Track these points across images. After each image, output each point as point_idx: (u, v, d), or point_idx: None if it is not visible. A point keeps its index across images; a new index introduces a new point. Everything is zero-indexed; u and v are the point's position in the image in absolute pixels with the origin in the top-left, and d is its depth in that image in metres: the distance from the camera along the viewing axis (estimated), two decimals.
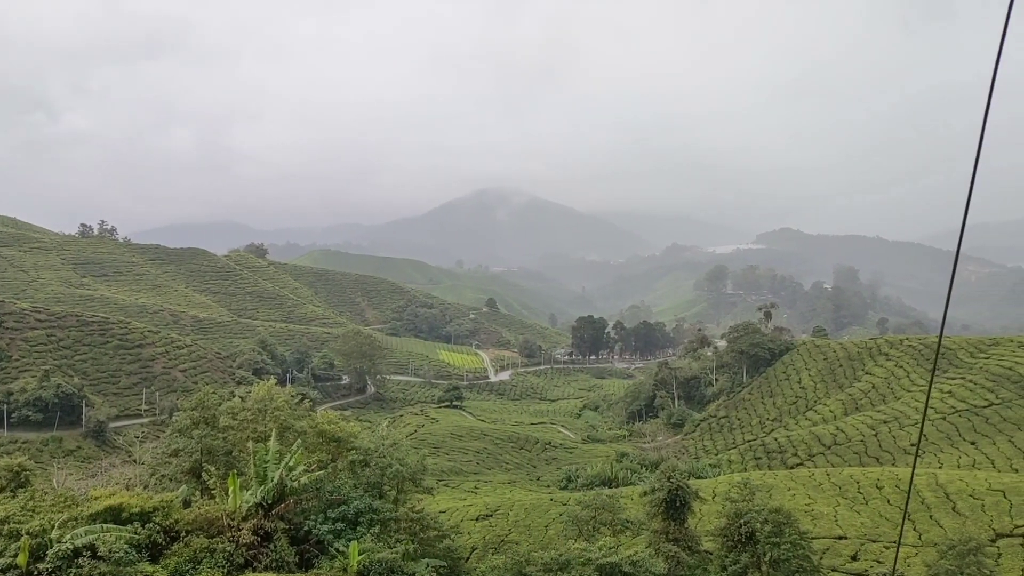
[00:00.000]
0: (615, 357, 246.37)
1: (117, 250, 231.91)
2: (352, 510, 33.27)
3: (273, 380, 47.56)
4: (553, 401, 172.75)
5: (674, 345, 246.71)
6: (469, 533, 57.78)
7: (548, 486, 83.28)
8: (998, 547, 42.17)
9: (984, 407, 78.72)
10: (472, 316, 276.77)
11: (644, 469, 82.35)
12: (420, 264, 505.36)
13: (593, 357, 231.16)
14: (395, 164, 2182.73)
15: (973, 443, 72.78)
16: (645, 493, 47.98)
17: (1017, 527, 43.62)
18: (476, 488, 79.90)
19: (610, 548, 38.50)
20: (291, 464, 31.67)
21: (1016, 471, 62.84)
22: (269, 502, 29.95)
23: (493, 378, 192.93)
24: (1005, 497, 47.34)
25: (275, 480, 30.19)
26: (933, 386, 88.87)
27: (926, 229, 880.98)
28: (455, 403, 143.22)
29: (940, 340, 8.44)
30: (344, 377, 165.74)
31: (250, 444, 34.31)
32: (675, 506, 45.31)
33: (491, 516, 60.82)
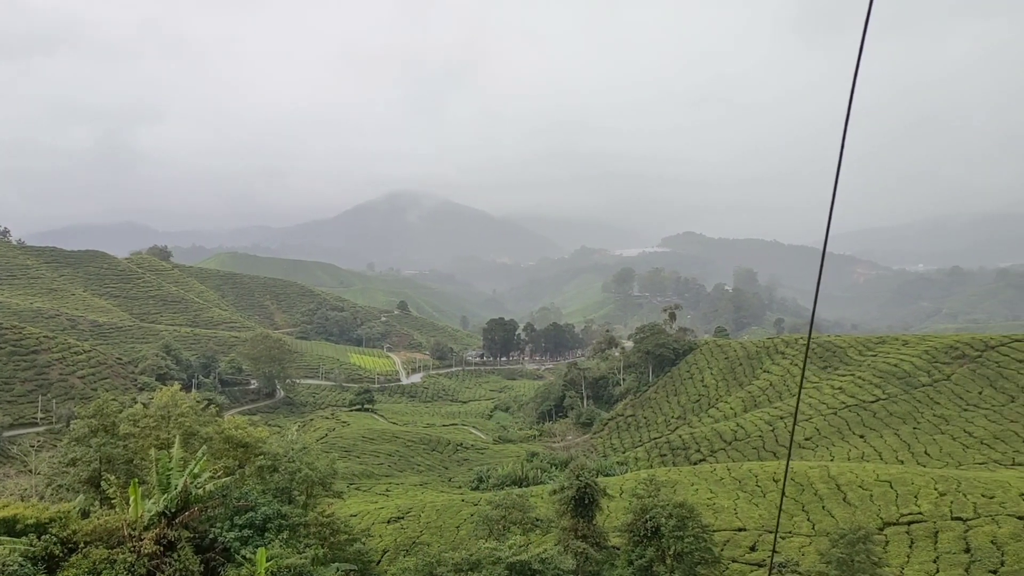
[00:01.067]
0: (526, 358, 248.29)
1: (10, 252, 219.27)
2: (260, 516, 32.70)
3: (177, 386, 46.18)
4: (465, 403, 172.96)
5: (583, 346, 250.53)
6: (380, 536, 57.42)
7: (460, 487, 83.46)
8: (885, 535, 44.75)
9: (872, 402, 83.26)
10: (384, 319, 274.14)
11: (554, 468, 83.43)
12: (331, 267, 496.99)
13: (504, 358, 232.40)
14: (304, 166, 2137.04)
15: (862, 436, 76.88)
16: (555, 492, 48.63)
17: (903, 516, 46.38)
18: (388, 491, 79.36)
19: (520, 547, 39.06)
20: (196, 471, 30.90)
21: (902, 462, 66.80)
22: (173, 511, 29.15)
23: (405, 381, 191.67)
24: (891, 487, 50.24)
25: (179, 488, 29.40)
26: (825, 382, 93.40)
27: (819, 233, 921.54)
28: (366, 406, 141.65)
29: (808, 342, 9.19)
30: (252, 381, 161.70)
31: (153, 452, 33.25)
32: (584, 504, 46.15)
33: (403, 518, 60.59)
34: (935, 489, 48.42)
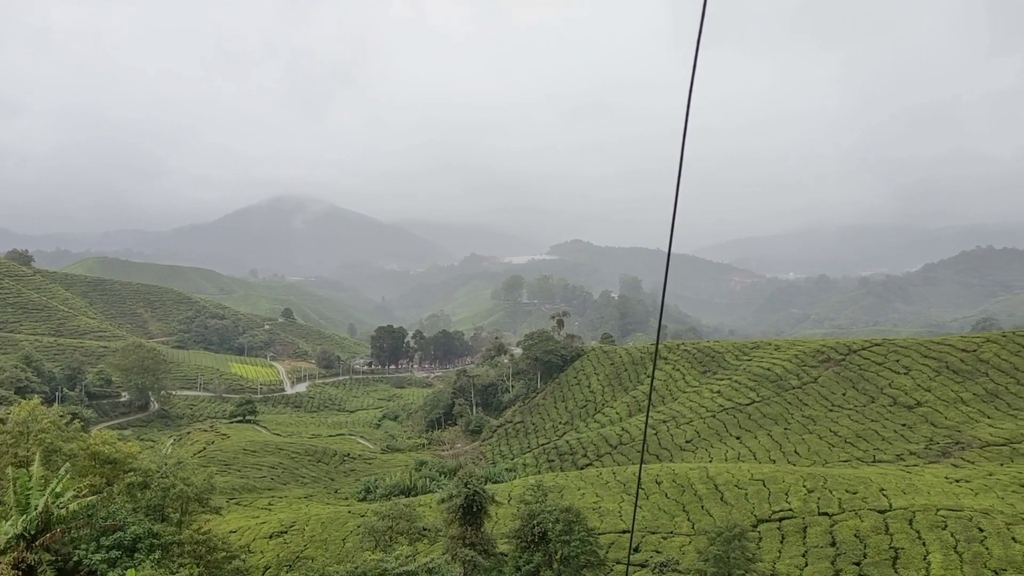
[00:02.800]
0: (415, 366, 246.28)
1: None
2: (129, 536, 31.00)
3: (38, 399, 43.30)
4: (352, 412, 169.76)
5: (473, 353, 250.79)
6: (262, 552, 55.51)
7: (346, 498, 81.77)
8: (759, 532, 46.77)
9: (747, 404, 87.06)
10: (267, 327, 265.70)
11: (443, 476, 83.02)
12: (210, 273, 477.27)
13: (393, 366, 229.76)
14: (181, 167, 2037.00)
15: (738, 438, 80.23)
16: (443, 500, 48.45)
17: (775, 512, 48.62)
18: (270, 505, 76.76)
19: (407, 557, 38.60)
20: (58, 490, 28.90)
21: (774, 462, 70.09)
22: (32, 533, 27.14)
23: (289, 390, 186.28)
24: (765, 486, 52.61)
25: (39, 508, 27.42)
26: (705, 386, 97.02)
27: (699, 242, 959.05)
28: (248, 417, 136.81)
29: (657, 346, 9.42)
30: (124, 394, 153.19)
31: (10, 470, 30.91)
32: (472, 511, 46.14)
33: (286, 532, 58.80)
34: (804, 487, 51.01)
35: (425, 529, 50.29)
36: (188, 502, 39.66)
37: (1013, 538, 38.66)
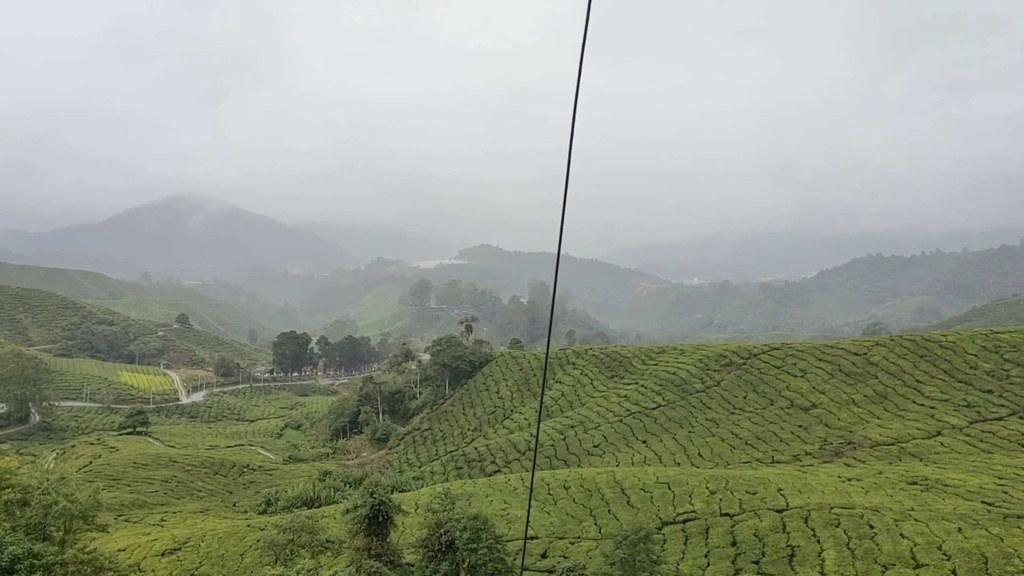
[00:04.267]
0: (319, 373, 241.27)
1: None
2: (7, 557, 28.77)
3: None
4: (252, 421, 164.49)
5: (379, 359, 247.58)
6: (153, 570, 52.75)
7: (245, 512, 78.79)
8: (664, 534, 47.37)
9: (653, 408, 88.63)
10: (161, 333, 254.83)
11: (348, 486, 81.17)
12: (98, 276, 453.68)
13: (296, 374, 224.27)
14: (66, 164, 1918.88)
15: (644, 441, 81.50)
16: (347, 511, 47.30)
17: (679, 514, 49.38)
18: (163, 521, 73.12)
19: (308, 571, 37.30)
20: None
21: (679, 464, 71.46)
22: None
23: (185, 400, 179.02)
24: (670, 488, 53.42)
25: None
26: (612, 391, 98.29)
27: (607, 248, 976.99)
28: (140, 429, 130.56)
29: (548, 353, 9.05)
30: (1, 406, 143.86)
31: None
32: (378, 521, 45.09)
33: (179, 549, 56.05)
34: (707, 488, 52.03)
35: (328, 541, 48.94)
36: (72, 520, 37.19)
37: (901, 534, 40.28)
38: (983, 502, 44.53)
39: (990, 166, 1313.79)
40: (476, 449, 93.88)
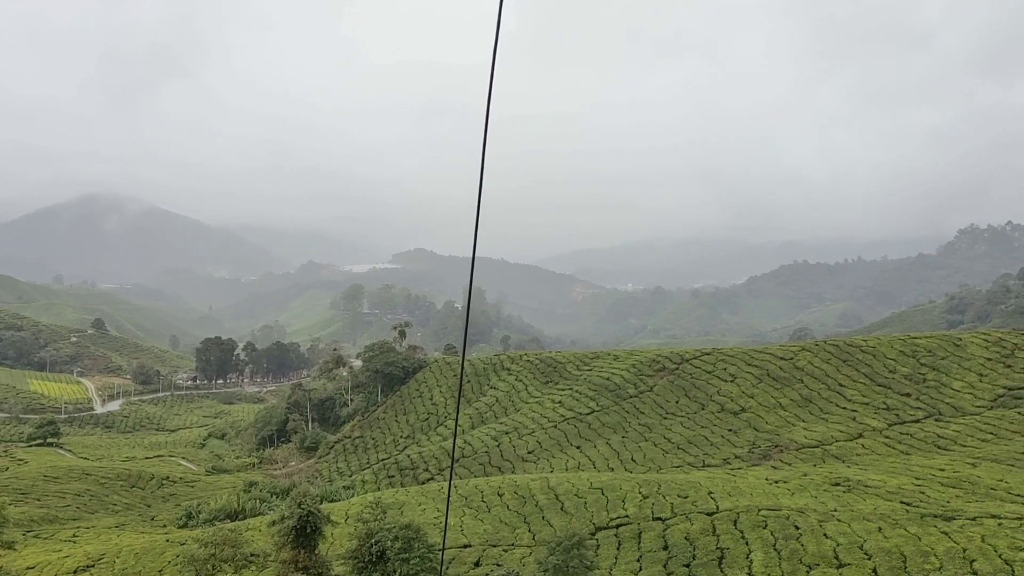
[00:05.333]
0: (245, 380, 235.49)
1: None
2: None
3: None
4: (173, 431, 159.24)
5: (309, 366, 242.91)
6: None
7: (164, 526, 75.89)
8: (597, 539, 47.36)
9: (587, 414, 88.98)
10: (74, 339, 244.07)
11: (274, 497, 79.17)
12: (6, 279, 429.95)
13: (221, 381, 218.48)
14: None
15: (579, 447, 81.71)
16: (274, 522, 46.20)
17: (612, 520, 49.46)
18: (75, 536, 69.71)
19: None
20: None
21: (612, 470, 71.81)
22: None
23: (100, 409, 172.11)
24: (603, 494, 53.50)
25: None
26: (547, 397, 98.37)
27: (542, 253, 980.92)
28: (50, 440, 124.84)
29: (463, 361, 8.64)
30: None
31: None
32: (306, 533, 44.02)
33: (93, 567, 53.53)
34: (640, 493, 52.30)
35: (253, 555, 47.41)
36: None
37: (825, 534, 41.12)
38: (902, 502, 45.87)
39: (909, 176, 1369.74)
40: (409, 457, 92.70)
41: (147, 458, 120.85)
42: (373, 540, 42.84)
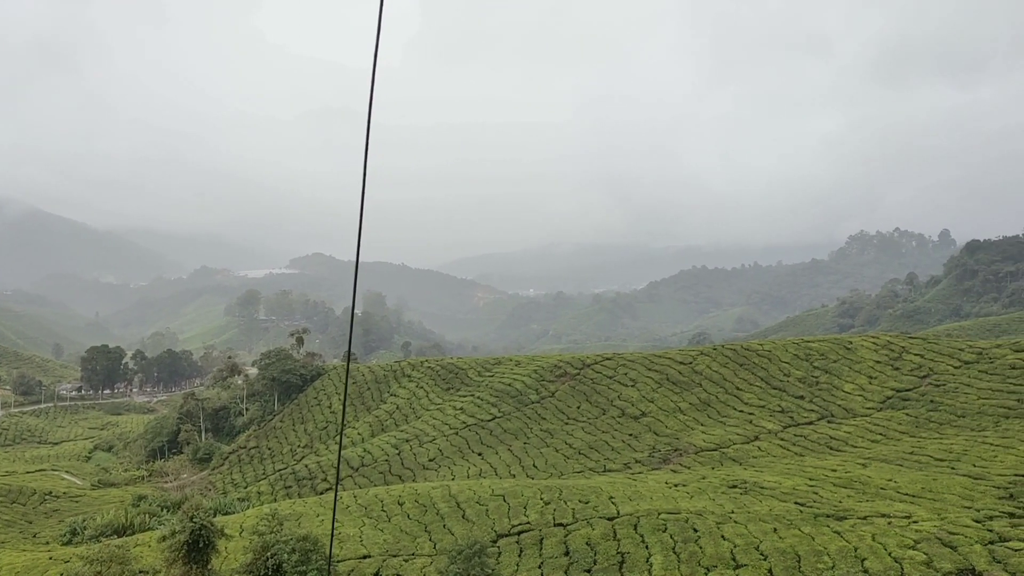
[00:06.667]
0: (134, 390, 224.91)
1: None
2: None
3: None
4: (57, 444, 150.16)
5: (203, 374, 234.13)
6: None
7: (47, 543, 71.54)
8: (499, 547, 47.03)
9: (489, 420, 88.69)
10: None
11: (165, 511, 75.77)
12: None
13: (108, 391, 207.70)
14: None
15: (480, 454, 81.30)
16: (164, 537, 44.75)
17: (514, 526, 49.25)
18: None
19: None
20: None
21: (514, 476, 71.71)
22: None
23: None
24: (505, 501, 53.25)
25: None
26: (448, 403, 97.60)
27: (444, 258, 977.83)
28: None
29: (348, 367, 8.15)
30: None
31: None
32: (198, 547, 42.88)
33: None
34: (541, 499, 52.32)
35: (142, 572, 45.45)
36: None
37: (722, 536, 42.04)
38: (796, 503, 47.42)
39: (805, 183, 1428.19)
40: (307, 467, 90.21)
41: (28, 472, 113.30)
42: (269, 553, 41.67)
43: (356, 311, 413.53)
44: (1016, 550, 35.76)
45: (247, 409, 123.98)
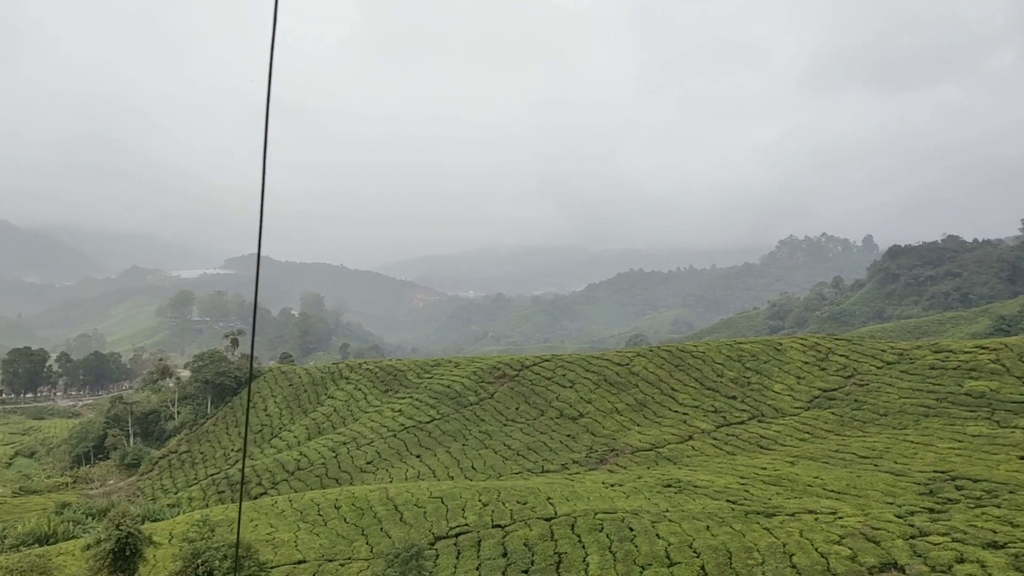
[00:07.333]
0: (59, 394, 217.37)
1: None
2: None
3: None
4: None
5: (132, 377, 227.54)
6: None
7: None
8: (436, 549, 46.86)
9: (427, 422, 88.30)
10: None
11: (90, 519, 73.30)
12: None
13: (30, 395, 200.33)
14: None
15: (419, 456, 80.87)
16: (89, 546, 43.53)
17: (452, 528, 49.13)
18: None
19: None
20: None
21: (452, 478, 71.56)
22: None
23: None
24: (443, 503, 53.08)
25: None
26: (387, 405, 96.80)
27: (384, 259, 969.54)
28: None
29: (251, 371, 8.12)
30: None
31: None
32: (124, 556, 41.79)
33: None
34: (480, 500, 52.31)
35: None
36: None
37: (657, 534, 42.69)
38: (728, 501, 48.45)
39: (740, 189, 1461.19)
40: (241, 471, 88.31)
41: None
42: (200, 560, 40.76)
43: (292, 312, 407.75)
44: (935, 544, 37.22)
45: (178, 413, 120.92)
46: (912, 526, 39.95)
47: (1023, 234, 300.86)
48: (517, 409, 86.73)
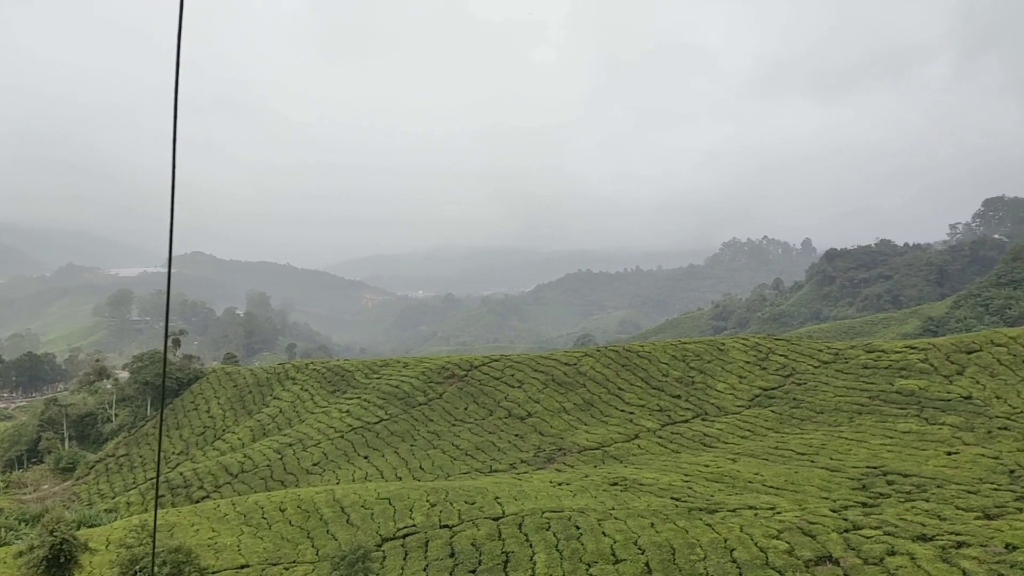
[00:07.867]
0: None
1: None
2: None
3: None
4: None
5: (67, 378, 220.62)
6: None
7: None
8: (383, 551, 46.68)
9: (376, 423, 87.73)
10: None
11: (23, 525, 71.14)
12: None
13: None
14: None
15: (366, 457, 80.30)
16: (21, 553, 42.31)
17: (400, 529, 49.01)
18: None
19: None
20: None
21: (400, 479, 71.28)
22: None
23: None
24: (391, 504, 52.88)
25: None
26: (334, 406, 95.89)
27: (332, 259, 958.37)
28: None
29: (164, 373, 8.27)
30: None
31: None
32: (59, 563, 40.81)
33: None
34: (428, 501, 52.27)
35: None
36: None
37: (603, 532, 43.25)
38: (672, 498, 49.33)
39: (685, 192, 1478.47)
40: (182, 474, 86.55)
41: None
42: (138, 567, 40.05)
43: (237, 312, 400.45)
44: (868, 537, 38.52)
45: (116, 415, 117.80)
46: (846, 520, 41.26)
47: (951, 239, 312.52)
48: (466, 409, 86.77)
